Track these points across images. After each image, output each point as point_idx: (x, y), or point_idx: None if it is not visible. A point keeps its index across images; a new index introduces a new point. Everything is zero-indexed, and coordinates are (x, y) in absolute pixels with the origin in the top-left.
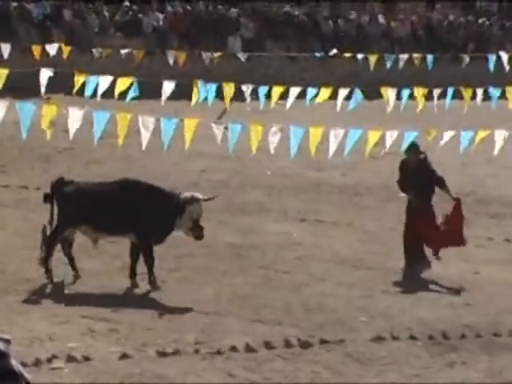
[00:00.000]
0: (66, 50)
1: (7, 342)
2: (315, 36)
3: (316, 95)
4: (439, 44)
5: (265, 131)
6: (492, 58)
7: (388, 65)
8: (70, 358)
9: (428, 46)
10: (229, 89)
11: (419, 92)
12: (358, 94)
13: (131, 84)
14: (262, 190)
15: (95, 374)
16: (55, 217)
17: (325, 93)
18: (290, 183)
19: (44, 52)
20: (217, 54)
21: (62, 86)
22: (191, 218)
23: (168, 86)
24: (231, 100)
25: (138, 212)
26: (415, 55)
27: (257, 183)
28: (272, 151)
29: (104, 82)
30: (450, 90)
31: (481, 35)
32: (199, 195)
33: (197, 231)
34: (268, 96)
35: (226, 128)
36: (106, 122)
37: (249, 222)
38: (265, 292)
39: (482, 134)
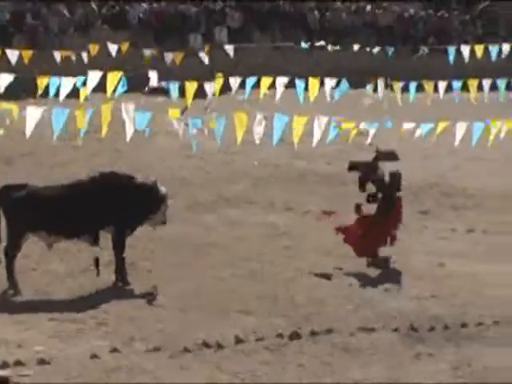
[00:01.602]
0: (27, 54)
1: None
2: (301, 27)
3: (306, 87)
4: (399, 37)
5: (250, 121)
6: (452, 50)
7: None
8: (38, 361)
9: (388, 40)
10: (191, 87)
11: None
12: (344, 84)
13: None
14: (248, 181)
15: (64, 375)
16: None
17: (313, 84)
18: (276, 173)
19: (5, 57)
20: (206, 48)
21: (24, 89)
22: (165, 211)
23: (153, 78)
24: (193, 99)
25: (116, 205)
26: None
27: (243, 174)
28: (257, 141)
29: (67, 82)
30: (413, 84)
31: (441, 29)
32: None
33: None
34: (255, 87)
35: (186, 124)
36: (64, 119)
37: (236, 214)
38: (252, 284)
39: (442, 125)
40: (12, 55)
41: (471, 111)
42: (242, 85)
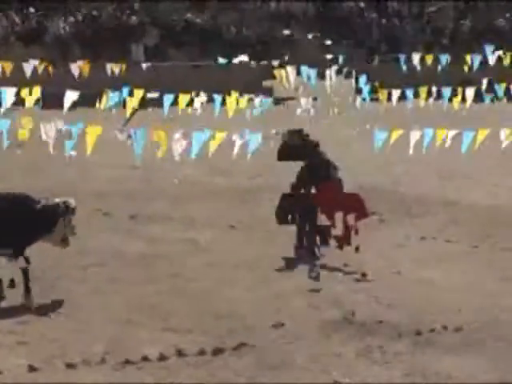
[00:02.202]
0: None
1: None
2: (218, 43)
3: (223, 102)
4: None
5: (169, 137)
6: (402, 58)
7: None
8: None
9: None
10: (137, 96)
11: None
12: (264, 100)
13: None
14: (168, 199)
15: None
16: None
17: (231, 100)
18: (196, 190)
19: None
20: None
21: None
22: (67, 226)
23: (71, 95)
24: (136, 108)
25: (12, 225)
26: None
27: (163, 192)
28: (177, 157)
29: (10, 94)
30: (368, 93)
31: (393, 36)
32: (73, 202)
33: (66, 241)
34: (173, 103)
35: (129, 136)
36: (8, 126)
37: (156, 231)
38: (174, 300)
39: (396, 133)
40: None
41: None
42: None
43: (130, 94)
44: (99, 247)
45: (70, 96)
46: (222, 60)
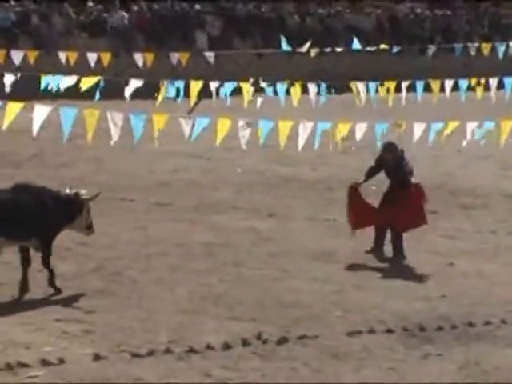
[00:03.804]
0: (32, 55)
1: None
2: (281, 32)
3: (287, 91)
4: (406, 37)
5: (233, 126)
6: (459, 49)
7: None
8: (45, 363)
9: (394, 39)
10: (196, 86)
11: (390, 86)
12: (323, 89)
13: (97, 83)
14: (232, 188)
15: (70, 377)
16: None
17: (295, 89)
18: (260, 180)
19: (9, 57)
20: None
21: (27, 88)
22: (88, 217)
23: (134, 84)
24: (199, 96)
25: (39, 216)
26: (382, 47)
27: (227, 181)
28: (243, 146)
29: (69, 81)
30: (420, 84)
31: (447, 28)
32: (86, 193)
33: (91, 229)
34: (237, 93)
35: (194, 126)
36: (73, 118)
37: (220, 220)
38: (238, 289)
39: (452, 125)
40: (16, 56)
41: (478, 110)
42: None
43: (188, 85)
44: (163, 237)
45: (134, 85)
46: (286, 47)
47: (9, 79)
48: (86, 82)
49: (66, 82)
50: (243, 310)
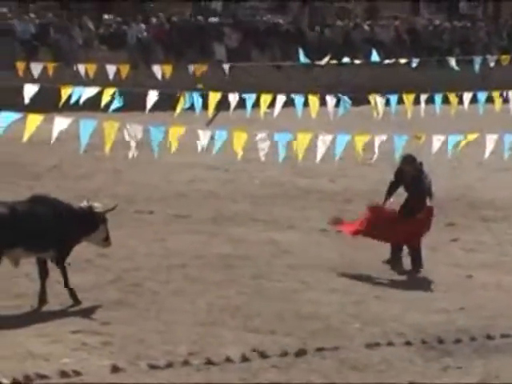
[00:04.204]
0: (52, 67)
1: None
2: (300, 45)
3: (305, 104)
4: (424, 49)
5: (251, 138)
6: (478, 61)
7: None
8: (63, 374)
9: (413, 51)
10: (214, 98)
11: (408, 98)
12: (345, 102)
13: (115, 94)
14: (250, 200)
15: None
16: None
17: (313, 101)
18: (279, 191)
19: (29, 69)
20: (202, 66)
21: (46, 100)
22: (105, 229)
23: (153, 95)
24: (217, 108)
25: (55, 228)
26: (401, 59)
27: (245, 193)
28: (262, 158)
29: (89, 92)
30: (439, 96)
31: (466, 39)
32: (100, 206)
33: (108, 241)
34: (254, 105)
35: (212, 138)
36: (92, 129)
37: (239, 232)
38: (257, 301)
39: (470, 137)
40: (36, 68)
41: (497, 122)
42: (240, 103)
43: (206, 96)
44: (182, 249)
45: (152, 97)
46: (304, 59)
47: (29, 91)
48: (107, 94)
49: (86, 93)
50: (262, 322)
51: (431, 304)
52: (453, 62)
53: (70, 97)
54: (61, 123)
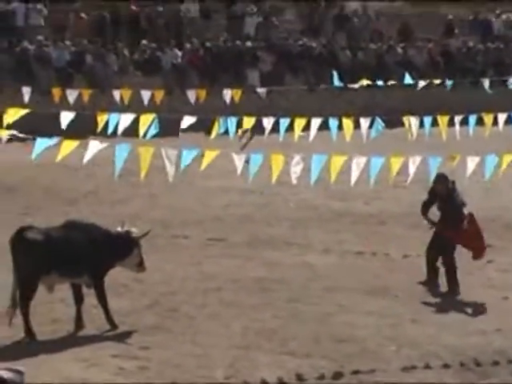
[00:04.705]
0: (87, 93)
1: (19, 373)
2: (333, 67)
3: (339, 127)
4: (458, 70)
5: (286, 162)
6: (511, 82)
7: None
8: None
9: (447, 73)
10: (249, 122)
11: (443, 119)
12: (378, 123)
13: (152, 121)
14: (285, 223)
15: None
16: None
17: (348, 124)
18: (313, 215)
19: (64, 96)
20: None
21: (83, 127)
22: (139, 254)
23: (187, 121)
24: (251, 131)
25: (90, 253)
26: (435, 81)
27: (280, 216)
28: (294, 181)
29: (125, 119)
30: (473, 117)
31: (500, 61)
32: (136, 231)
33: (142, 266)
34: (289, 129)
35: (246, 162)
36: (127, 154)
37: (274, 256)
38: (293, 325)
39: (507, 158)
40: (71, 95)
41: None
42: (275, 127)
43: (241, 120)
44: (218, 272)
45: (187, 122)
46: (337, 82)
47: (65, 118)
48: (144, 121)
49: (122, 121)
50: (297, 345)
51: (467, 326)
52: (486, 83)
53: (106, 124)
54: (95, 147)
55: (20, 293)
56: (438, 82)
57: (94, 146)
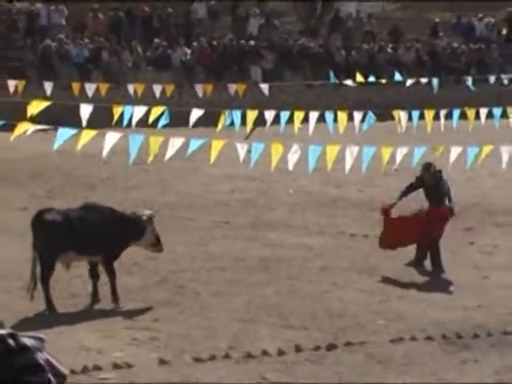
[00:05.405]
0: (104, 87)
1: (40, 339)
2: (329, 65)
3: (335, 119)
4: (444, 69)
5: (285, 150)
6: (492, 79)
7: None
8: (116, 366)
9: (433, 71)
10: (252, 115)
11: (429, 114)
12: (370, 117)
13: (162, 113)
14: (285, 207)
15: (138, 379)
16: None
17: (342, 117)
18: (310, 200)
19: (83, 90)
20: (241, 86)
21: (100, 118)
22: (153, 235)
23: (196, 114)
24: (254, 124)
25: (104, 233)
26: (422, 79)
27: (280, 201)
28: (290, 167)
29: (138, 111)
30: (457, 112)
31: (481, 60)
32: (151, 212)
33: (158, 246)
34: (289, 121)
35: (249, 151)
36: (140, 144)
37: (274, 237)
38: (291, 300)
39: (486, 149)
40: (90, 88)
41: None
42: (276, 120)
43: (245, 113)
44: (222, 253)
45: (195, 114)
46: (333, 79)
47: (84, 110)
48: (155, 113)
49: (136, 113)
50: (296, 319)
51: (450, 302)
52: (469, 80)
53: (121, 115)
54: (112, 137)
55: (41, 270)
56: (424, 79)
57: (111, 136)
